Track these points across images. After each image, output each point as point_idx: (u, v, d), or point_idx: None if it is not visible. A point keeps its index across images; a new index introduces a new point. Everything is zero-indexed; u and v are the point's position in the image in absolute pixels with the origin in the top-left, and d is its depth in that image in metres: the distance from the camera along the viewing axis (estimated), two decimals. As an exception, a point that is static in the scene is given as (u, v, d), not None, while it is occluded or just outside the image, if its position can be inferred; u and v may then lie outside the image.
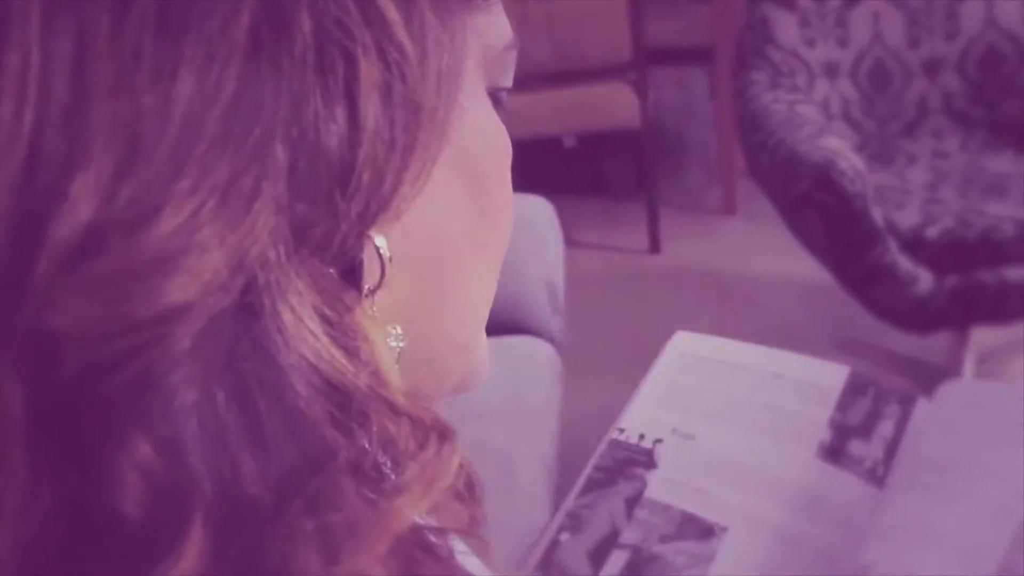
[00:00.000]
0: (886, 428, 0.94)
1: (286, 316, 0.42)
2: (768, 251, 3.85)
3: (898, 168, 3.02)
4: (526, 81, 0.60)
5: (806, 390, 0.98)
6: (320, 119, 0.43)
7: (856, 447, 0.93)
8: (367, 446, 0.44)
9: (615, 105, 3.97)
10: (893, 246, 2.58)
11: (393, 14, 0.45)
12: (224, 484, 0.40)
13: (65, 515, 0.39)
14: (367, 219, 0.46)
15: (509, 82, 0.57)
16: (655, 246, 4.17)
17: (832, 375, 0.99)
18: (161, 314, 0.39)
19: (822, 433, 0.94)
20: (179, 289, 0.39)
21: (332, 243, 0.45)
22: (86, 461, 0.39)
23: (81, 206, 0.38)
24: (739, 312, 3.64)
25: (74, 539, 0.39)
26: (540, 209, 2.60)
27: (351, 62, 0.44)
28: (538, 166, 4.24)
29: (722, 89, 4.00)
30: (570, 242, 2.79)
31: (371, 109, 0.45)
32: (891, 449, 0.93)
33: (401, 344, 0.50)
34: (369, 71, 0.44)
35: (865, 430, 0.94)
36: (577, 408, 2.43)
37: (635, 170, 4.51)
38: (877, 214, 2.57)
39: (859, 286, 2.68)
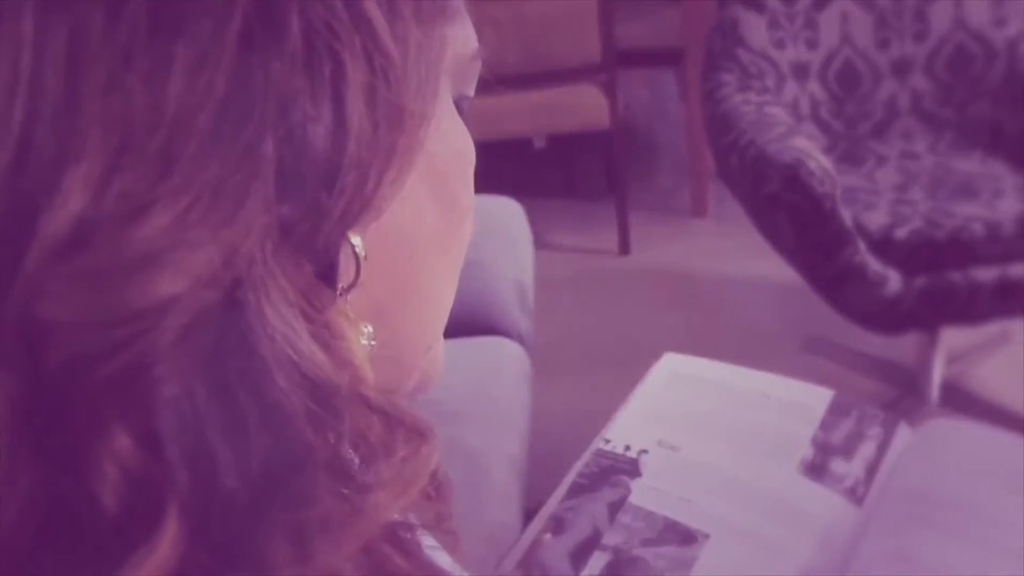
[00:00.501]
0: (868, 449, 0.95)
1: (270, 312, 0.43)
2: (738, 252, 3.86)
3: (867, 169, 3.03)
4: (496, 83, 0.61)
5: (791, 409, 0.99)
6: (308, 120, 0.44)
7: (838, 465, 0.94)
8: (344, 444, 0.45)
9: (585, 107, 3.98)
10: (862, 247, 2.59)
11: (379, 19, 0.46)
12: (200, 477, 0.40)
13: (41, 505, 0.39)
14: (349, 218, 0.47)
15: (472, 91, 0.58)
16: (625, 248, 4.18)
17: (816, 397, 1.00)
18: (149, 308, 0.39)
19: (805, 450, 0.95)
20: (168, 284, 0.39)
21: (315, 241, 0.46)
22: (66, 451, 0.39)
23: (73, 199, 0.38)
24: (709, 314, 3.65)
25: (49, 528, 0.40)
26: (510, 210, 2.60)
27: (339, 64, 0.45)
28: (508, 168, 4.25)
29: (692, 91, 4.00)
30: (540, 243, 2.79)
31: (356, 111, 0.45)
32: (872, 470, 0.94)
33: (373, 342, 0.51)
34: (355, 74, 0.45)
35: (847, 450, 0.95)
36: (547, 408, 2.43)
37: (605, 172, 4.52)
38: (846, 215, 2.58)
39: (828, 287, 2.69)
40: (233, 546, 0.41)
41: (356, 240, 0.49)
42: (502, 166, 4.30)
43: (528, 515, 0.95)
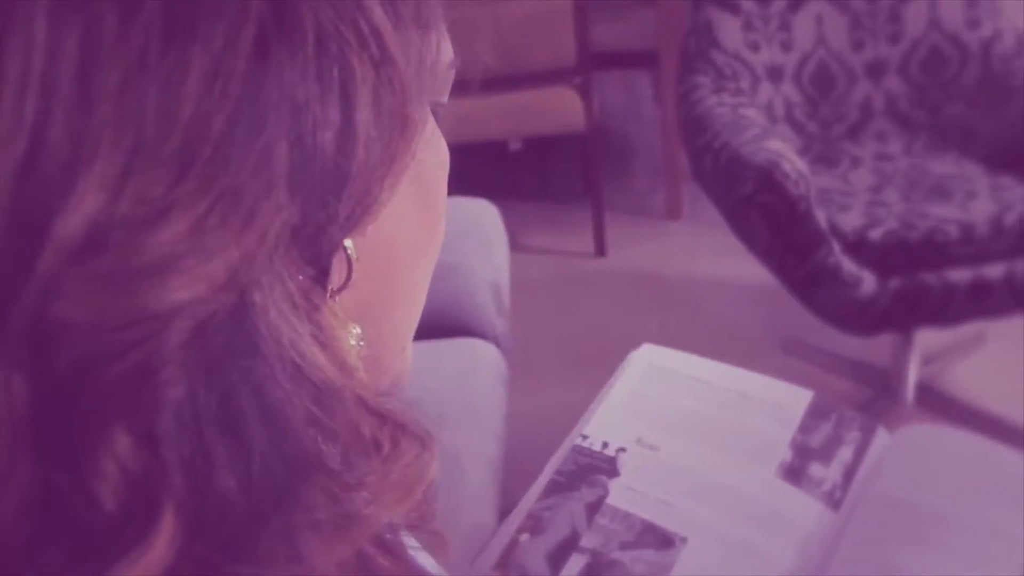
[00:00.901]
0: (846, 453, 0.95)
1: (275, 315, 0.44)
2: (713, 254, 3.87)
3: (842, 170, 3.03)
4: (471, 85, 0.62)
5: (770, 411, 0.99)
6: (318, 125, 0.44)
7: (816, 469, 0.94)
8: (343, 447, 0.46)
9: (560, 109, 3.98)
10: (837, 248, 2.59)
11: (387, 26, 0.47)
12: (197, 477, 0.41)
13: (39, 502, 0.40)
14: (352, 222, 0.48)
15: (446, 98, 0.59)
16: (600, 250, 4.18)
17: (796, 398, 1.00)
18: (163, 311, 0.39)
19: (783, 453, 0.95)
20: (183, 290, 0.40)
21: (319, 244, 0.47)
22: (67, 450, 0.39)
23: (88, 201, 0.38)
24: (684, 315, 3.65)
25: (47, 526, 0.40)
26: (486, 212, 2.60)
27: (349, 70, 0.45)
28: (483, 170, 4.24)
29: (667, 93, 4.01)
30: (516, 246, 2.79)
31: (364, 117, 0.46)
32: (849, 474, 0.94)
33: (362, 343, 0.52)
34: (364, 79, 0.46)
35: (825, 454, 0.95)
36: (523, 410, 2.43)
37: (580, 174, 4.52)
38: (821, 216, 2.58)
39: (803, 288, 2.69)
40: (229, 546, 0.41)
41: (348, 242, 0.50)
42: (477, 168, 4.30)
43: (503, 516, 0.94)
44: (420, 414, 0.52)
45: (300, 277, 0.45)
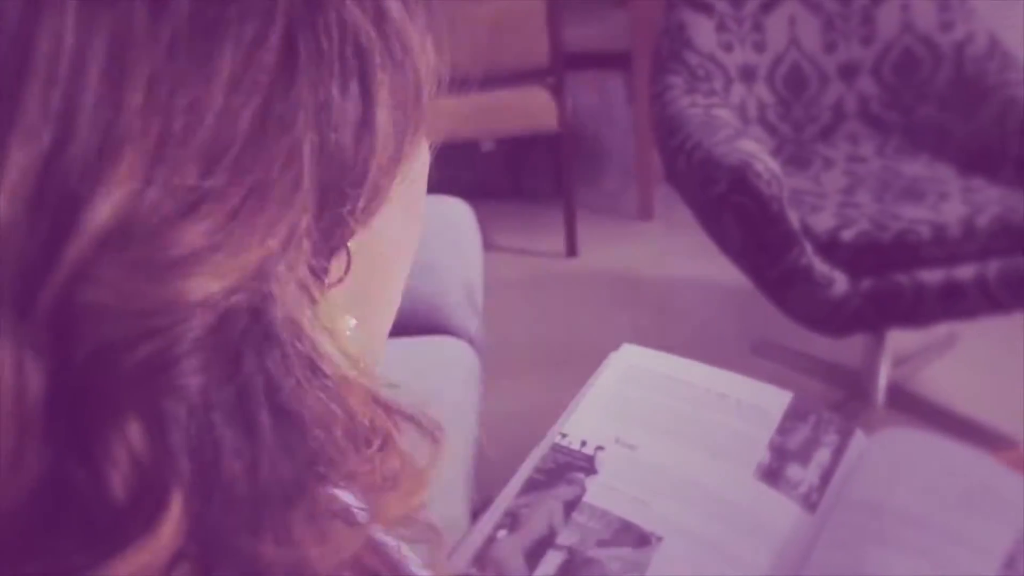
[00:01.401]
0: (823, 456, 0.95)
1: (291, 308, 0.45)
2: (685, 255, 3.87)
3: (814, 172, 3.04)
4: (445, 85, 0.62)
5: (748, 412, 0.98)
6: (341, 124, 0.46)
7: (794, 471, 0.93)
8: (353, 439, 0.47)
9: (533, 109, 3.98)
10: (809, 249, 2.60)
11: (407, 27, 0.50)
12: (205, 468, 0.42)
13: (50, 489, 0.40)
14: (367, 215, 0.50)
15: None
16: (572, 250, 4.18)
17: (775, 399, 1.00)
18: (192, 302, 0.40)
19: (761, 454, 0.94)
20: (214, 280, 0.41)
21: (333, 237, 0.49)
22: (79, 437, 0.40)
23: (117, 189, 0.39)
24: (656, 316, 3.66)
25: (57, 512, 0.40)
26: (459, 211, 2.60)
27: (371, 70, 0.47)
28: (456, 170, 4.23)
29: (640, 94, 4.01)
30: (488, 246, 2.79)
31: (383, 113, 0.48)
32: (826, 477, 0.93)
33: (357, 335, 0.54)
34: (383, 79, 0.48)
35: (803, 455, 0.95)
36: (496, 409, 2.43)
37: (553, 174, 4.52)
38: (793, 217, 2.59)
39: (775, 289, 2.70)
40: (228, 533, 0.42)
41: None
42: (451, 168, 4.29)
43: (476, 515, 0.94)
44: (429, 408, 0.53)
45: (308, 271, 0.46)
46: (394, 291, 0.62)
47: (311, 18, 0.44)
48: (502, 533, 0.91)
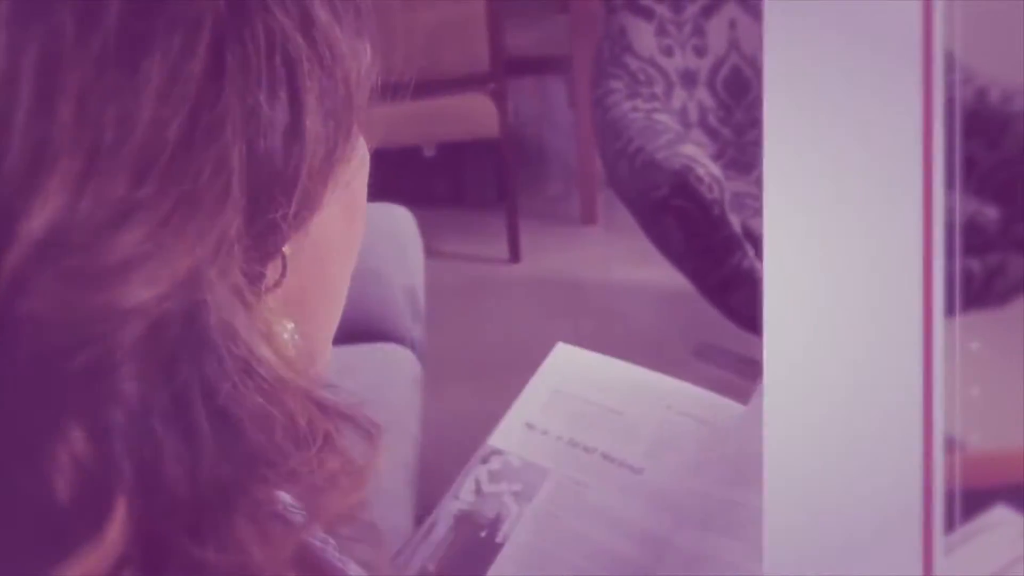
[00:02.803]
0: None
1: (225, 312, 0.45)
2: (628, 260, 3.88)
3: (756, 175, 3.05)
4: (385, 91, 0.63)
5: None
6: (270, 128, 0.47)
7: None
8: (290, 440, 0.48)
9: (474, 115, 3.98)
10: (751, 252, 2.61)
11: (334, 31, 0.50)
12: (147, 471, 0.42)
13: None
14: (299, 221, 0.51)
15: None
16: (515, 256, 4.18)
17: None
18: (125, 309, 0.41)
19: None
20: (146, 287, 0.41)
21: (266, 243, 0.50)
22: (23, 443, 0.40)
23: (50, 202, 0.39)
24: (599, 320, 3.66)
25: (2, 519, 0.41)
26: (401, 218, 2.59)
27: (298, 77, 0.48)
28: (398, 176, 4.23)
29: (581, 98, 4.01)
30: (430, 252, 2.78)
31: (313, 122, 0.49)
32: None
33: (296, 338, 0.55)
34: (311, 85, 0.49)
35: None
36: (437, 415, 2.43)
37: (495, 180, 4.52)
38: (735, 221, 2.60)
39: (718, 293, 2.71)
40: (171, 537, 0.43)
41: None
42: (392, 174, 4.28)
43: (419, 520, 0.95)
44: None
45: (242, 275, 0.47)
46: (335, 293, 0.63)
47: (238, 28, 0.45)
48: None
